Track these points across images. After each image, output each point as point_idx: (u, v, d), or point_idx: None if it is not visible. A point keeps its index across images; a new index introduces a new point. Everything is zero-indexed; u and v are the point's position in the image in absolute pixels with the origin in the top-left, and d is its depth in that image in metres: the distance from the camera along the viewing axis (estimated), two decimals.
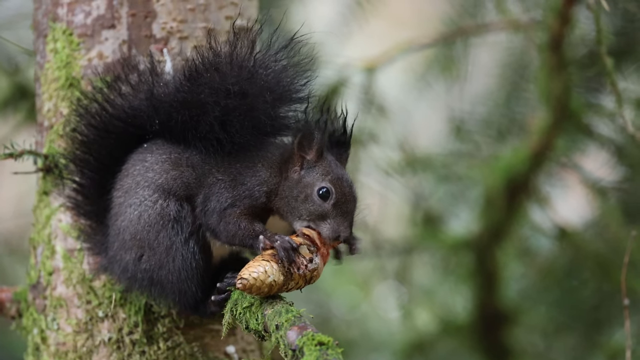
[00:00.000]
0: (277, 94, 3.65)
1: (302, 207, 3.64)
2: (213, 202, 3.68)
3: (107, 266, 3.85)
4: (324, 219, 3.62)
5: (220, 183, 3.69)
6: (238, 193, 3.66)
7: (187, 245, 3.69)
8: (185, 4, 4.01)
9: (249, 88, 3.62)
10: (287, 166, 3.67)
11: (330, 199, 3.62)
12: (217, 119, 3.63)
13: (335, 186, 3.62)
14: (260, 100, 3.62)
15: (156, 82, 3.76)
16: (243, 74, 3.62)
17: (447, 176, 6.00)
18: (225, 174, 3.69)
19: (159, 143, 3.78)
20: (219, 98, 3.63)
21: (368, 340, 6.43)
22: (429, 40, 5.81)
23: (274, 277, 3.48)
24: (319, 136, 3.63)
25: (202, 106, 3.64)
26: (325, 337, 3.24)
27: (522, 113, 5.81)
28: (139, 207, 3.72)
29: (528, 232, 5.88)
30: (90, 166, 3.86)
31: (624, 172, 5.67)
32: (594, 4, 4.32)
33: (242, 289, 3.45)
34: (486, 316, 5.98)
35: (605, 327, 5.86)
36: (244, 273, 3.47)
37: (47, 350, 4.02)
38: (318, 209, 3.62)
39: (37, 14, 4.13)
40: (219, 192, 3.68)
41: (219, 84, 3.63)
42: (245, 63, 3.63)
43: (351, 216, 3.64)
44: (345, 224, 3.62)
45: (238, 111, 3.63)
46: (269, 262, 3.49)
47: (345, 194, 3.63)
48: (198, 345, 3.99)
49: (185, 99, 3.67)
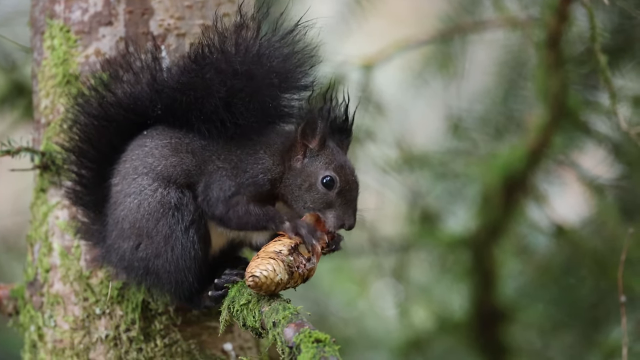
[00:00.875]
0: (283, 77, 3.65)
1: (307, 195, 3.64)
2: (215, 191, 3.67)
3: (104, 255, 3.84)
4: (329, 208, 3.63)
5: (221, 171, 3.68)
6: (241, 181, 3.66)
7: (187, 234, 3.68)
8: (182, 1, 4.01)
9: (255, 70, 3.62)
10: (290, 154, 3.68)
11: (334, 187, 3.63)
12: (222, 100, 3.63)
13: (339, 174, 3.63)
14: (266, 83, 3.63)
15: (159, 67, 3.77)
16: (249, 56, 3.63)
17: (444, 174, 6.00)
18: (226, 161, 3.68)
19: (159, 129, 3.77)
20: (226, 78, 3.63)
21: (365, 338, 6.43)
22: (426, 38, 5.82)
23: (280, 275, 3.47)
24: (322, 125, 3.63)
25: (208, 87, 3.64)
26: (323, 335, 3.24)
27: (519, 110, 5.82)
28: (138, 195, 3.71)
29: (525, 230, 5.89)
30: (90, 156, 3.85)
31: (622, 169, 5.67)
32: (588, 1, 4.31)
33: (252, 286, 3.45)
34: (483, 314, 5.98)
35: (603, 324, 5.86)
36: (255, 270, 3.45)
37: (44, 347, 4.02)
38: (323, 198, 3.63)
39: (34, 11, 4.12)
40: (221, 180, 3.67)
41: (226, 64, 3.63)
42: (251, 46, 3.63)
43: (355, 203, 3.66)
44: (350, 212, 3.64)
45: (244, 92, 3.63)
46: (275, 260, 3.49)
47: (349, 181, 3.65)
48: (195, 342, 3.99)
49: (191, 81, 3.67)
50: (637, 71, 5.48)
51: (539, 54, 5.33)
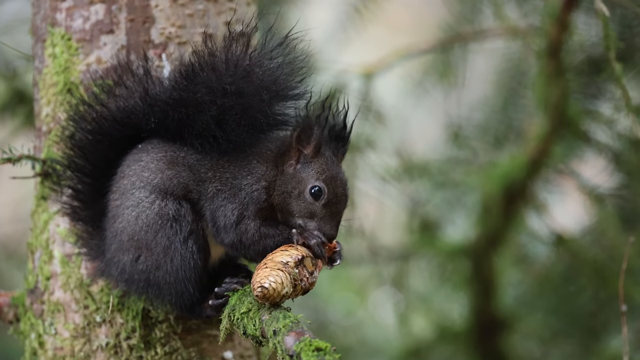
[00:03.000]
0: (274, 92, 3.64)
1: (295, 203, 3.64)
2: (221, 219, 3.67)
3: (104, 269, 3.84)
4: (312, 218, 3.63)
5: (220, 194, 3.68)
6: (240, 201, 3.66)
7: (185, 245, 3.68)
8: (183, 10, 4.01)
9: (245, 87, 3.62)
10: (284, 159, 3.67)
11: (321, 198, 3.62)
12: (214, 117, 3.64)
13: (328, 186, 3.62)
14: (256, 99, 3.63)
15: (150, 81, 3.77)
16: (239, 72, 3.63)
17: (444, 183, 6.00)
18: (221, 181, 3.68)
19: (154, 142, 3.77)
20: (216, 97, 3.63)
21: (364, 347, 6.43)
22: (426, 47, 5.82)
23: (287, 289, 3.47)
24: (318, 132, 3.63)
25: (199, 105, 3.65)
26: (323, 343, 3.24)
27: (519, 119, 5.82)
28: (136, 208, 3.71)
29: (525, 239, 5.89)
30: (86, 171, 3.85)
31: (622, 178, 5.67)
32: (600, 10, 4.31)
33: (260, 297, 3.44)
34: (483, 323, 5.98)
35: (602, 334, 5.86)
36: (264, 281, 3.44)
37: (44, 355, 4.01)
38: (308, 207, 3.62)
39: (35, 19, 4.13)
40: (223, 206, 3.67)
41: (216, 83, 3.63)
42: (241, 62, 3.63)
43: (340, 216, 3.65)
44: (332, 224, 3.63)
45: (234, 110, 3.63)
46: (283, 272, 3.48)
47: (337, 194, 3.64)
48: (195, 350, 3.99)
49: (182, 97, 3.67)
50: (637, 80, 5.48)
51: (540, 63, 5.34)
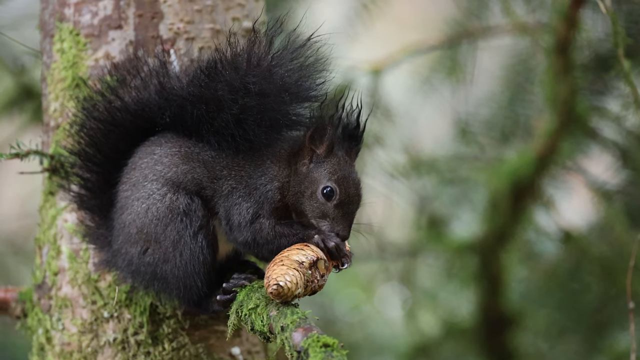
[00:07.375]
0: (294, 93, 3.64)
1: (307, 203, 3.63)
2: (235, 217, 3.66)
3: (110, 260, 3.84)
4: (324, 218, 3.62)
5: (235, 192, 3.67)
6: (255, 200, 3.65)
7: (195, 239, 3.68)
8: (192, 5, 4.01)
9: (267, 87, 3.62)
10: (297, 159, 3.67)
11: (333, 199, 3.62)
12: (234, 116, 3.63)
13: (340, 187, 3.62)
14: (277, 100, 3.62)
15: (167, 75, 3.77)
16: (261, 72, 3.62)
17: (452, 179, 6.00)
18: (237, 179, 3.68)
19: (167, 136, 3.77)
20: (237, 96, 3.62)
21: (371, 343, 6.43)
22: (434, 43, 5.81)
23: (300, 289, 3.46)
24: (331, 131, 3.63)
25: (219, 103, 3.64)
26: (331, 339, 3.24)
27: (526, 116, 5.82)
28: (146, 200, 3.71)
29: (532, 236, 5.88)
30: (96, 160, 3.85)
31: (629, 175, 5.67)
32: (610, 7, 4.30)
33: (274, 294, 3.43)
34: (490, 319, 5.98)
35: (609, 330, 5.86)
36: (280, 279, 3.43)
37: (52, 350, 4.02)
38: (320, 207, 3.62)
39: (43, 14, 4.13)
40: (238, 204, 3.66)
41: (238, 82, 3.63)
42: (263, 62, 3.63)
43: (352, 217, 3.65)
44: (345, 224, 3.62)
45: (255, 110, 3.62)
46: (298, 272, 3.47)
47: (349, 194, 3.63)
48: (203, 346, 3.99)
49: (202, 94, 3.66)
50: None
51: (548, 60, 5.33)
